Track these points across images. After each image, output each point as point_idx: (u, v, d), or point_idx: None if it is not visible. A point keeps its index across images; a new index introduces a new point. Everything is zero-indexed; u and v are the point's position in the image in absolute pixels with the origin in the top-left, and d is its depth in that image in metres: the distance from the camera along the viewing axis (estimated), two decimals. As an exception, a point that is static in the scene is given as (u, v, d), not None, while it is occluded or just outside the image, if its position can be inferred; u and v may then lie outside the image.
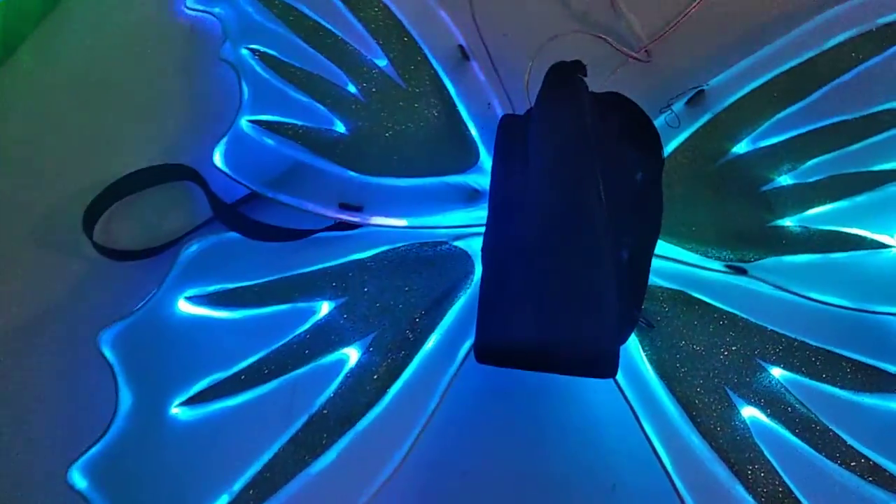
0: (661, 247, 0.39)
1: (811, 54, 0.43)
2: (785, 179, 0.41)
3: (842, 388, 0.36)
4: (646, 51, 0.45)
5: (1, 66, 0.48)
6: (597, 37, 0.44)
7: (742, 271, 0.39)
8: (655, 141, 0.35)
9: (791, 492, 0.33)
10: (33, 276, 0.43)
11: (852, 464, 0.34)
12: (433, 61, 0.44)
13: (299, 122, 0.43)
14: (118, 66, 0.48)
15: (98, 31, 0.49)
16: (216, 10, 0.47)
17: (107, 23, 0.49)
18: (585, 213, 0.32)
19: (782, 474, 0.33)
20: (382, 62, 0.45)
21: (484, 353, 0.31)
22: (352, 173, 0.42)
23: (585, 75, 0.35)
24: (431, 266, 0.40)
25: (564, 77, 0.35)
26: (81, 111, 0.48)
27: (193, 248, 0.41)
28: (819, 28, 0.44)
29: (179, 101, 0.47)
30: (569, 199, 0.32)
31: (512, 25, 0.46)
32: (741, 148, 0.42)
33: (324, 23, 0.46)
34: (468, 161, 0.42)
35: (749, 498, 0.33)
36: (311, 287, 0.39)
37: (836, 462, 0.34)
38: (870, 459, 0.34)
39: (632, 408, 0.35)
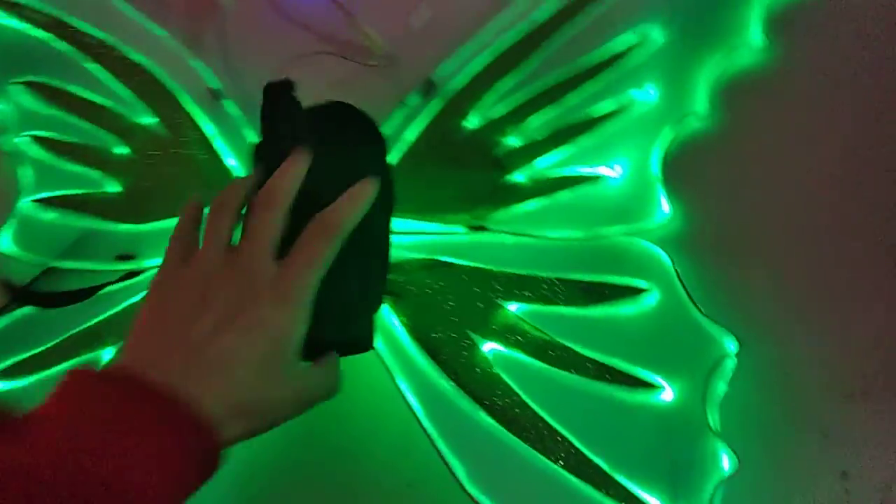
0: (408, 224, 0.43)
1: (522, 29, 0.48)
2: (514, 141, 0.45)
3: (572, 306, 0.40)
4: (389, 57, 0.49)
5: None
6: (340, 56, 0.49)
7: (482, 228, 0.43)
8: (375, 134, 0.39)
9: (525, 403, 0.37)
10: None
11: (583, 369, 0.38)
12: (190, 107, 0.48)
13: (75, 192, 0.47)
14: None
15: None
16: (-7, 105, 0.50)
17: None
18: None
19: (518, 390, 0.37)
20: (153, 121, 0.49)
21: None
22: (126, 226, 0.46)
23: (294, 90, 0.39)
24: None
25: (276, 96, 0.39)
26: None
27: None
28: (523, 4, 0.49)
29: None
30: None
31: (267, 62, 0.50)
32: (473, 123, 0.46)
33: (94, 98, 0.50)
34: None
35: (490, 419, 0.37)
36: (93, 338, 0.42)
37: (569, 370, 0.38)
38: (597, 361, 0.38)
39: (388, 371, 0.38)
